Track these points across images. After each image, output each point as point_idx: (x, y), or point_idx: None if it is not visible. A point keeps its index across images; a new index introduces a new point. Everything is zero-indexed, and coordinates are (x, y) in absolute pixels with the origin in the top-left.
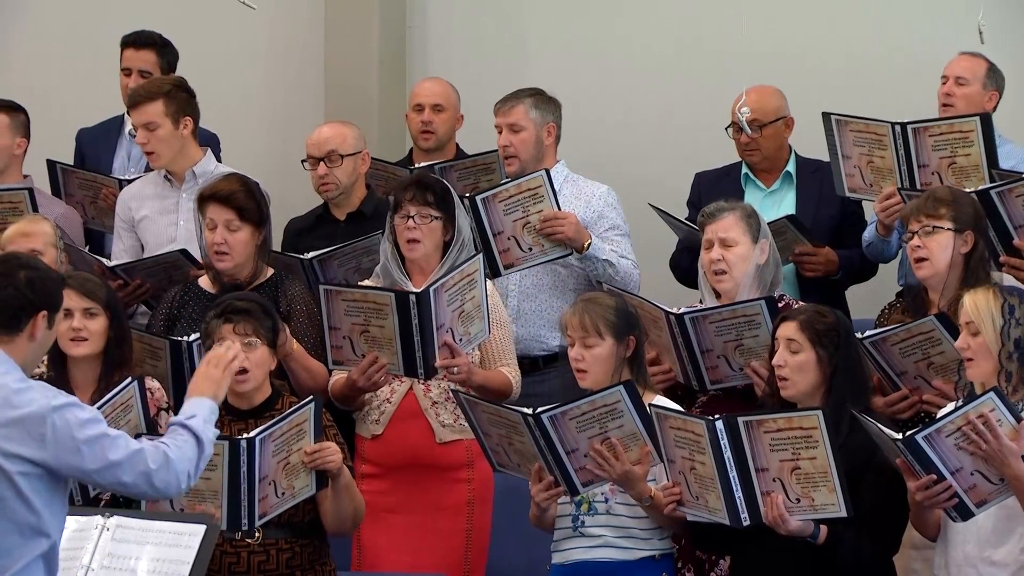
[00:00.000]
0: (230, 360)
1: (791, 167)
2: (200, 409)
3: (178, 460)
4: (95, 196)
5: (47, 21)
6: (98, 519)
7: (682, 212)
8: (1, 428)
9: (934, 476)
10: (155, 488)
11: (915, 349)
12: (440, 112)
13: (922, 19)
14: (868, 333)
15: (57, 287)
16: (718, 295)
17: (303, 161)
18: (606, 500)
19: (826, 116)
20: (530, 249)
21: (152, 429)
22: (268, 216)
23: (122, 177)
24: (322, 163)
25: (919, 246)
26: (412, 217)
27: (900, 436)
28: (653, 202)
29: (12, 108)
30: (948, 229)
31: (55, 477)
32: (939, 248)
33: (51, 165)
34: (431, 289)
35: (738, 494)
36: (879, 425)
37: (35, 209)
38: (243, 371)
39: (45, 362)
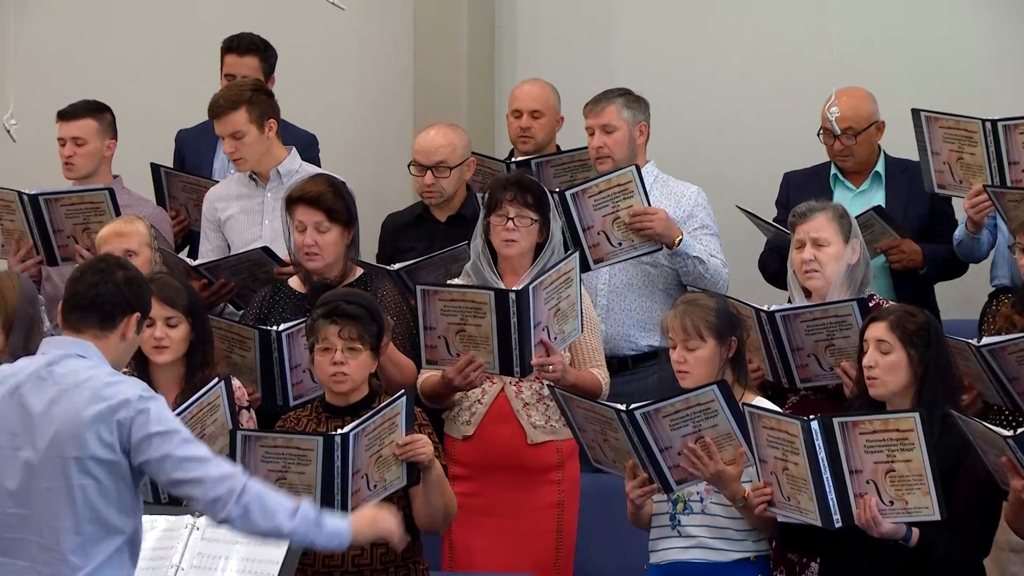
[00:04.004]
0: (391, 528)
1: (880, 167)
2: (331, 524)
3: (255, 495)
4: (199, 199)
5: (143, 21)
6: (188, 518)
7: (771, 212)
8: (92, 423)
9: None
10: (214, 504)
11: None
12: (538, 118)
13: (1013, 13)
14: (985, 341)
15: (150, 293)
16: (807, 294)
17: (409, 165)
18: (701, 500)
19: (915, 112)
20: (619, 244)
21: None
22: (356, 216)
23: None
24: (429, 172)
25: None
26: (511, 219)
27: (1011, 434)
28: (742, 202)
29: (98, 109)
30: None
31: (130, 469)
32: None
33: (155, 169)
34: (531, 287)
35: (831, 495)
36: (985, 424)
37: (116, 210)
38: (343, 374)
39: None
